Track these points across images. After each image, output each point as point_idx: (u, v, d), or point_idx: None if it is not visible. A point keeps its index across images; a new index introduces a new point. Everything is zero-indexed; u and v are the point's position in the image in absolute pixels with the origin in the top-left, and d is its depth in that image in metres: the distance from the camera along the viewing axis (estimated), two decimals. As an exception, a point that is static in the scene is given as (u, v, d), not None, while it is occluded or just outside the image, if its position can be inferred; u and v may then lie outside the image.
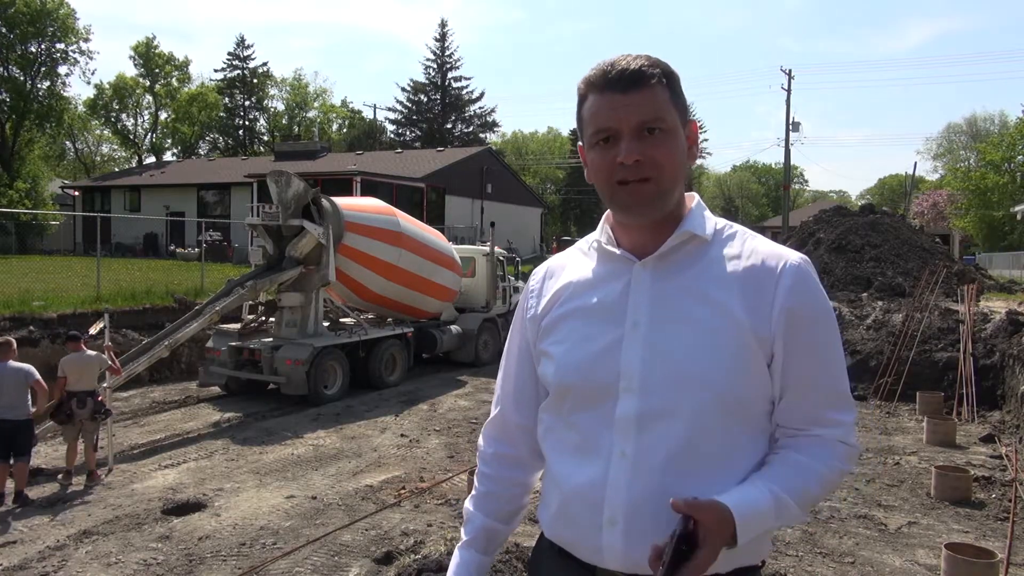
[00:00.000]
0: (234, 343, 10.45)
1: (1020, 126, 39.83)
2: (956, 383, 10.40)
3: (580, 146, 1.46)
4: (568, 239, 36.23)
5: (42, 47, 37.77)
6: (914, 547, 5.46)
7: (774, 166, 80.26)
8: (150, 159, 52.34)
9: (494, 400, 1.68)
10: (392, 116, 59.13)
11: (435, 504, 6.25)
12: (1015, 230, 37.82)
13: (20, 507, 6.14)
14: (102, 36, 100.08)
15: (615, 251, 1.44)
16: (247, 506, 6.17)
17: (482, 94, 60.48)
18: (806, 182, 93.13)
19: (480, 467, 1.68)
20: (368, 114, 62.73)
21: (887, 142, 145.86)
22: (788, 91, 36.44)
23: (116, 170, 48.73)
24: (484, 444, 1.68)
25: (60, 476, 6.76)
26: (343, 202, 11.27)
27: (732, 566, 1.32)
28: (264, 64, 58.77)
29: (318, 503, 6.25)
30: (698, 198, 1.49)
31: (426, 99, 58.25)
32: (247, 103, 58.73)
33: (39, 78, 38.25)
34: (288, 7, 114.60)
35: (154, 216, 31.45)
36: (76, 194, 37.94)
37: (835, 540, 5.56)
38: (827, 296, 1.42)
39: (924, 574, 5.01)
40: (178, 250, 27.73)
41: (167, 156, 54.56)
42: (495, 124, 60.01)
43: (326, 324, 11.24)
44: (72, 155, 56.49)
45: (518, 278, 15.63)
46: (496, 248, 14.33)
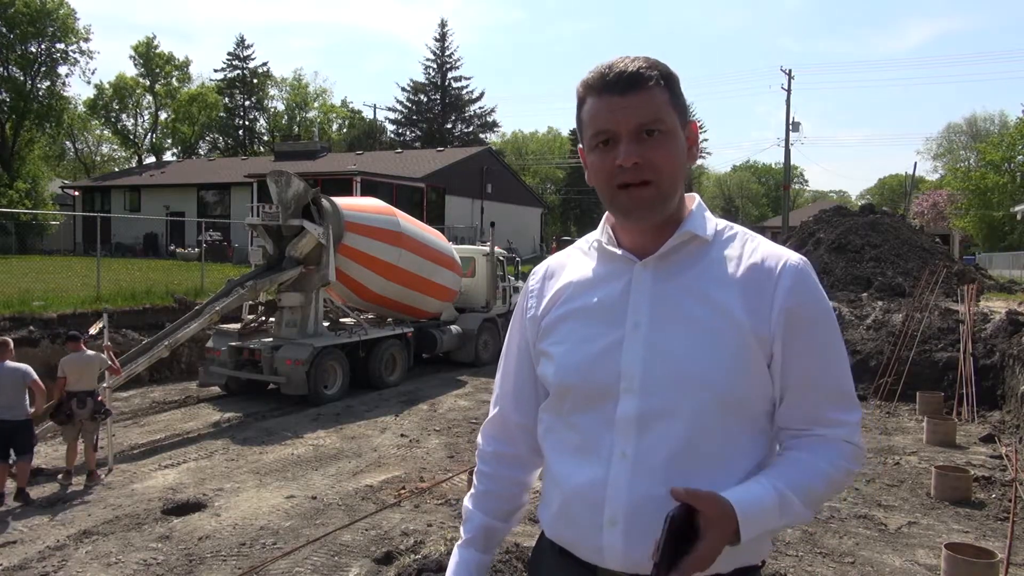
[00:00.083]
0: (234, 343, 10.45)
1: (1020, 126, 39.84)
2: (956, 383, 10.40)
3: (580, 148, 1.46)
4: (568, 239, 36.22)
5: (42, 47, 37.76)
6: (914, 547, 5.47)
7: (774, 166, 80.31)
8: (150, 159, 52.35)
9: (493, 399, 1.68)
10: (392, 116, 59.24)
11: (435, 504, 6.26)
12: (1015, 230, 37.83)
13: (22, 505, 6.15)
14: (102, 36, 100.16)
15: (616, 251, 1.44)
16: (247, 506, 6.17)
17: (482, 94, 60.54)
18: (806, 182, 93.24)
19: (479, 466, 1.68)
20: (368, 114, 62.82)
21: (887, 142, 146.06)
22: (788, 91, 36.47)
23: (116, 170, 48.74)
24: (483, 443, 1.68)
25: (60, 476, 6.76)
26: (343, 202, 11.28)
27: (733, 566, 1.32)
28: (264, 64, 58.86)
29: (318, 503, 6.25)
30: (699, 199, 1.49)
31: (426, 99, 58.27)
32: (247, 103, 58.75)
33: (39, 78, 38.25)
34: (288, 7, 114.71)
35: (154, 216, 31.46)
36: (76, 194, 37.95)
37: (835, 540, 5.56)
38: (827, 296, 1.41)
39: (924, 574, 5.01)
40: (178, 250, 27.73)
41: (167, 156, 54.59)
42: (495, 124, 60.07)
43: (326, 324, 11.24)
44: (72, 155, 56.49)
45: (518, 278, 15.62)
46: (496, 248, 14.33)
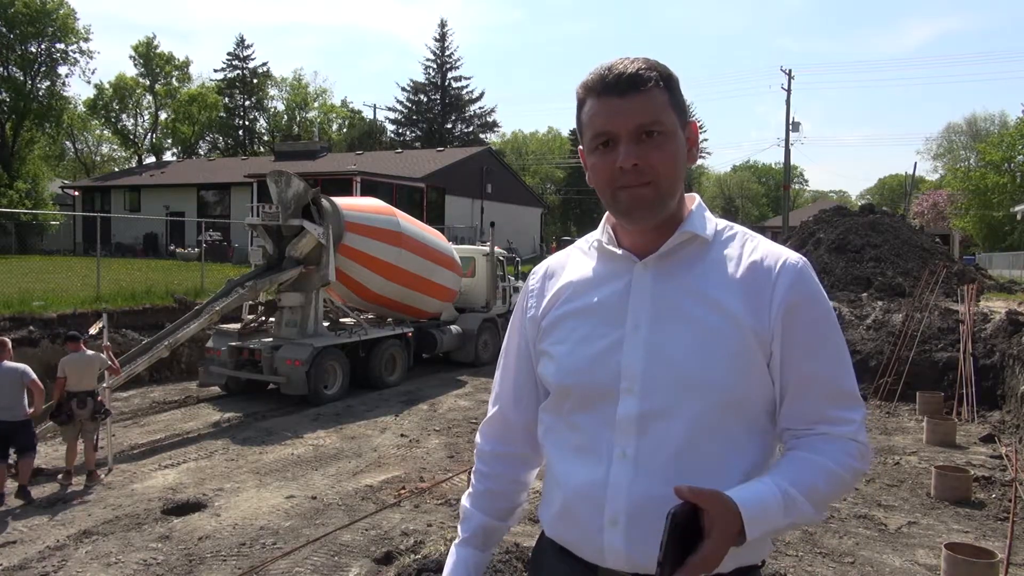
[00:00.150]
0: (234, 343, 10.44)
1: (1020, 126, 39.89)
2: (956, 383, 10.40)
3: (580, 150, 1.46)
4: (568, 239, 36.28)
5: (42, 47, 37.79)
6: (914, 547, 5.46)
7: (774, 166, 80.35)
8: (150, 159, 52.37)
9: (491, 399, 1.68)
10: (392, 116, 59.31)
11: (435, 504, 6.26)
12: (1015, 230, 37.88)
13: (22, 505, 6.16)
14: (102, 36, 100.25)
15: (616, 251, 1.44)
16: (247, 506, 6.17)
17: (482, 94, 60.61)
18: (806, 182, 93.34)
19: (478, 465, 1.68)
20: (368, 114, 62.85)
21: (887, 142, 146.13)
22: (788, 91, 36.46)
23: (116, 170, 48.76)
24: (482, 442, 1.68)
25: (60, 476, 6.76)
26: (343, 202, 11.27)
27: (733, 565, 1.31)
28: (264, 64, 58.88)
29: (318, 503, 6.25)
30: (699, 199, 1.50)
31: (426, 99, 58.31)
32: (247, 103, 58.76)
33: (39, 78, 38.27)
34: (288, 7, 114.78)
35: (154, 216, 31.46)
36: (76, 194, 37.97)
37: (835, 540, 5.56)
38: (826, 295, 1.41)
39: (924, 574, 5.01)
40: (178, 250, 27.73)
41: (167, 156, 54.62)
42: (495, 124, 60.11)
43: (326, 324, 11.24)
44: (72, 155, 56.51)
45: (518, 278, 15.62)
46: (496, 248, 14.33)
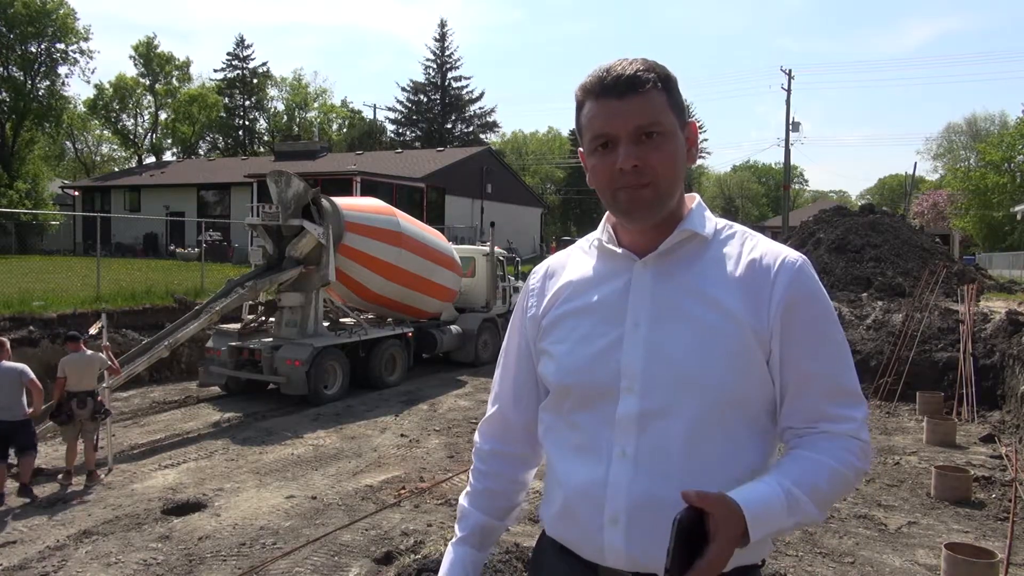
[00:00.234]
0: (234, 343, 10.44)
1: (1020, 126, 39.90)
2: (956, 383, 10.39)
3: (581, 151, 1.46)
4: (568, 239, 36.29)
5: (42, 47, 37.78)
6: (914, 547, 5.46)
7: (774, 166, 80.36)
8: (150, 159, 52.37)
9: (491, 398, 1.68)
10: (392, 116, 59.33)
11: (435, 504, 6.26)
12: (1015, 230, 37.89)
13: (23, 505, 6.16)
14: (102, 36, 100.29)
15: (616, 250, 1.45)
16: (247, 506, 6.17)
17: (482, 94, 60.63)
18: (806, 182, 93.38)
19: (476, 464, 1.67)
20: (368, 114, 62.88)
21: (887, 142, 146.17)
22: (788, 91, 36.47)
23: (116, 170, 48.77)
24: (481, 441, 1.68)
25: (60, 476, 6.75)
26: (343, 202, 11.27)
27: (734, 564, 1.31)
28: (264, 64, 58.88)
29: (318, 503, 6.25)
30: (699, 198, 1.50)
31: (426, 99, 58.32)
32: (247, 103, 58.76)
33: (39, 78, 38.26)
34: (288, 7, 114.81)
35: (154, 216, 31.47)
36: (76, 194, 37.98)
37: (835, 540, 5.56)
38: (826, 293, 1.40)
39: (924, 574, 5.01)
40: (178, 250, 27.73)
41: (167, 156, 54.63)
42: (495, 124, 60.14)
43: (326, 324, 11.24)
44: (72, 155, 56.52)
45: (518, 278, 15.62)
46: (496, 248, 14.33)
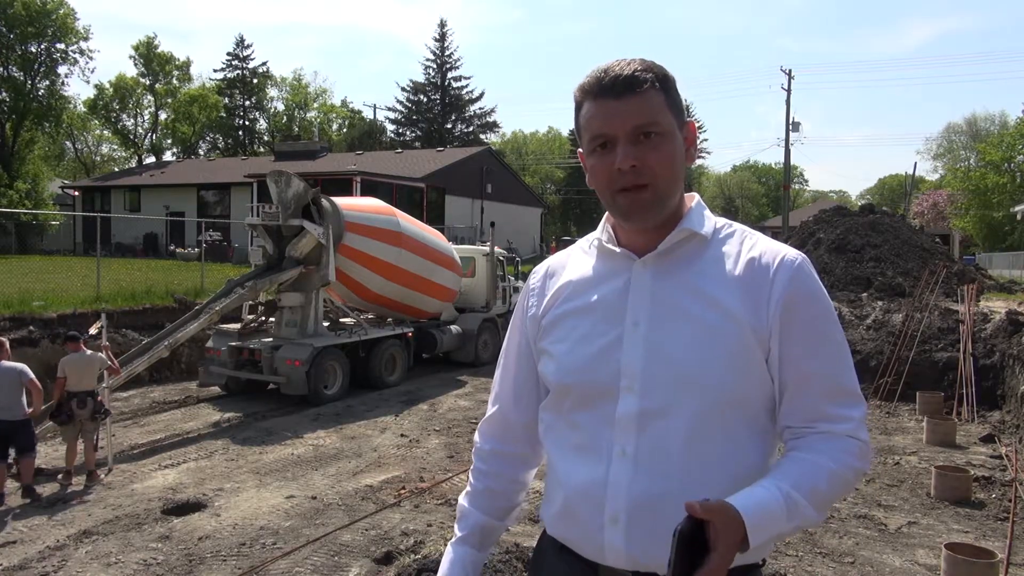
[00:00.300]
0: (234, 343, 10.44)
1: (1020, 126, 39.90)
2: (956, 383, 10.39)
3: (580, 152, 1.46)
4: (568, 239, 36.28)
5: (42, 47, 37.77)
6: (914, 547, 5.46)
7: (774, 166, 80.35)
8: (150, 159, 52.36)
9: (491, 398, 1.68)
10: (392, 116, 59.31)
11: (435, 504, 6.25)
12: (1015, 230, 37.89)
13: (30, 502, 6.19)
14: (102, 36, 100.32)
15: (615, 249, 1.45)
16: (247, 506, 6.17)
17: (482, 94, 60.59)
18: (806, 182, 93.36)
19: (477, 464, 1.67)
20: (368, 114, 62.85)
21: (887, 142, 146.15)
22: (788, 91, 36.46)
23: (116, 170, 48.76)
24: (481, 441, 1.68)
25: (60, 476, 6.76)
26: (343, 202, 11.27)
27: (734, 564, 1.31)
28: (263, 64, 58.87)
29: (318, 503, 6.25)
30: (698, 198, 1.50)
31: (426, 99, 58.31)
32: (247, 103, 58.75)
33: (39, 78, 38.25)
34: (288, 7, 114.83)
35: (154, 216, 31.47)
36: (76, 194, 37.97)
37: (835, 540, 5.56)
38: (826, 292, 1.40)
39: (924, 574, 5.01)
40: (178, 250, 27.73)
41: (167, 156, 54.61)
42: (495, 124, 60.10)
43: (326, 324, 11.24)
44: (72, 155, 56.51)
45: (518, 278, 15.62)
46: (496, 248, 14.33)
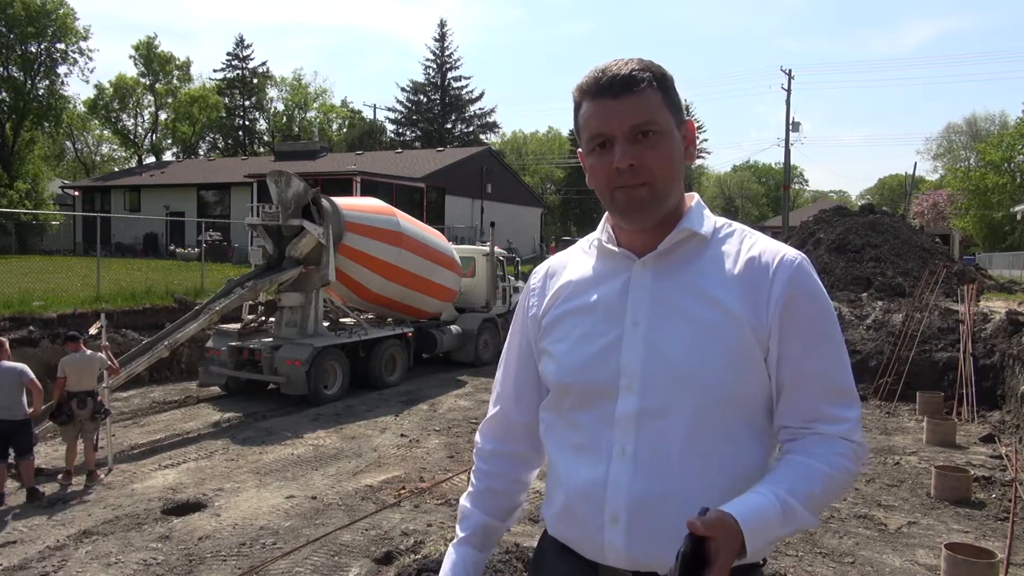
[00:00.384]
0: (234, 343, 10.44)
1: (1020, 126, 39.90)
2: (956, 383, 10.39)
3: (580, 152, 1.46)
4: (568, 239, 36.27)
5: (41, 47, 37.76)
6: (914, 547, 5.46)
7: (774, 166, 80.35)
8: (150, 159, 52.35)
9: (492, 398, 1.68)
10: (392, 116, 59.29)
11: (435, 504, 6.26)
12: (1015, 230, 37.90)
13: (33, 502, 6.19)
14: (102, 36, 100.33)
15: (615, 249, 1.45)
16: (247, 506, 6.17)
17: (482, 94, 60.51)
18: (806, 182, 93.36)
19: (478, 464, 1.67)
20: (368, 114, 62.83)
21: (887, 142, 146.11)
22: (788, 91, 36.46)
23: (116, 170, 48.75)
24: (483, 442, 1.68)
25: (60, 476, 6.76)
26: (343, 202, 11.27)
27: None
28: (263, 64, 58.85)
29: (318, 503, 6.25)
30: (698, 197, 1.50)
31: (426, 99, 58.29)
32: (247, 103, 58.73)
33: (38, 78, 38.25)
34: (288, 7, 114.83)
35: (154, 216, 31.46)
36: (76, 194, 37.96)
37: (835, 540, 5.56)
38: (825, 292, 1.40)
39: (924, 574, 5.01)
40: (178, 250, 27.73)
41: (167, 156, 54.59)
42: (495, 125, 60.07)
43: (326, 324, 11.24)
44: (72, 155, 56.50)
45: (518, 278, 15.63)
46: (496, 248, 14.33)
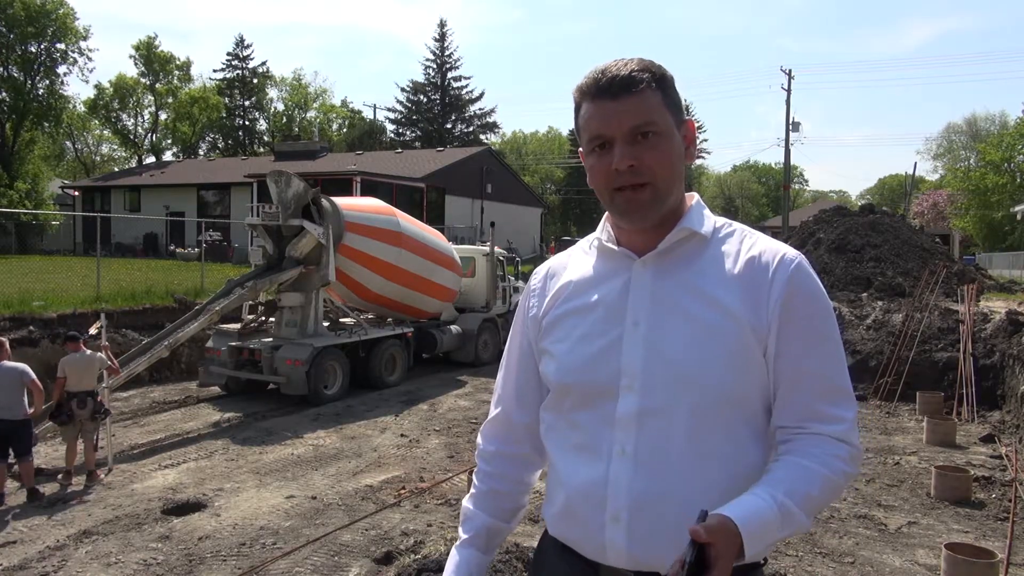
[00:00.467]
0: (234, 343, 10.44)
1: (1020, 126, 39.89)
2: (956, 383, 10.39)
3: (581, 152, 1.46)
4: (568, 239, 36.27)
5: (41, 47, 37.75)
6: (914, 547, 5.46)
7: (774, 166, 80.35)
8: (150, 159, 52.34)
9: (494, 399, 1.68)
10: (392, 116, 59.27)
11: (435, 504, 6.25)
12: (1015, 230, 37.90)
13: (36, 503, 6.20)
14: (102, 36, 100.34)
15: (615, 249, 1.45)
16: (247, 506, 6.17)
17: (482, 94, 60.51)
18: (806, 182, 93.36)
19: (481, 466, 1.67)
20: (368, 114, 62.84)
21: (887, 142, 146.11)
22: (788, 91, 36.44)
23: (116, 170, 48.74)
24: (484, 443, 1.68)
25: (60, 476, 6.76)
26: (343, 202, 11.27)
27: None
28: (263, 64, 58.83)
29: (318, 503, 6.25)
30: (698, 197, 1.50)
31: (426, 99, 58.28)
32: (247, 103, 58.72)
33: (38, 78, 38.24)
34: (288, 7, 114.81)
35: (154, 216, 31.46)
36: (76, 194, 37.96)
37: (835, 540, 5.56)
38: (824, 291, 1.40)
39: (924, 574, 5.01)
40: (178, 250, 27.72)
41: (167, 156, 54.58)
42: (495, 125, 60.04)
43: (326, 324, 11.24)
44: (72, 155, 56.49)
45: (518, 278, 15.63)
46: (496, 248, 14.33)
